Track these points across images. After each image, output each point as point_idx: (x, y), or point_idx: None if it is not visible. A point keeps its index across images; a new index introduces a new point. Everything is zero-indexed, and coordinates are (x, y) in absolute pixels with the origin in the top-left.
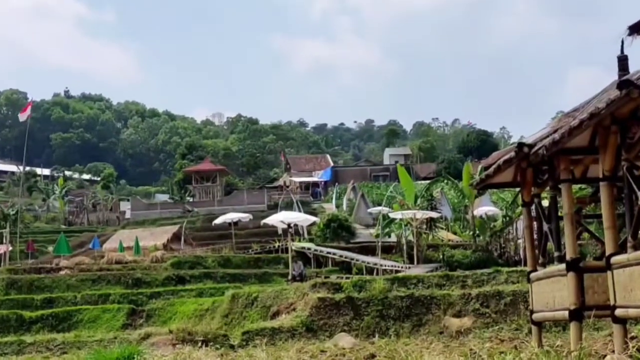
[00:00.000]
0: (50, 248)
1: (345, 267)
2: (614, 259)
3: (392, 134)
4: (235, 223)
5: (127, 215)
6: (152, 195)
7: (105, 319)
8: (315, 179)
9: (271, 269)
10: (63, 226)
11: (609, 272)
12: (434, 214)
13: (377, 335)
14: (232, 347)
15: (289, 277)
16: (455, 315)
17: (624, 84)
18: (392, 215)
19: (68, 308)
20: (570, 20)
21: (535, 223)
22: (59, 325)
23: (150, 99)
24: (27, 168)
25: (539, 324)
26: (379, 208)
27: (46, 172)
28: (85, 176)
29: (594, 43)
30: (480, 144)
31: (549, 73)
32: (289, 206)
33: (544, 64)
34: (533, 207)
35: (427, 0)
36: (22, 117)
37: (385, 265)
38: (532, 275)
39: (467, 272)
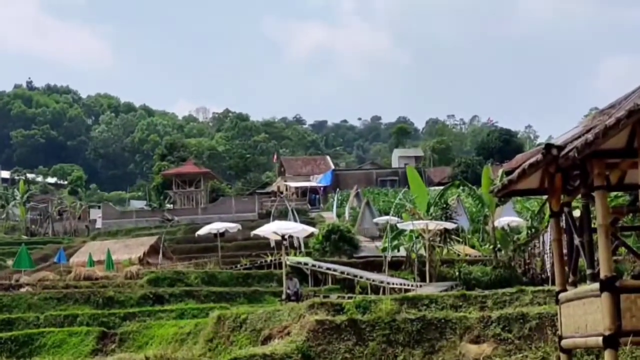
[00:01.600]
0: (10, 262)
1: (347, 285)
2: None
3: (402, 132)
4: (222, 234)
5: (98, 224)
6: (127, 201)
7: (72, 343)
8: (313, 183)
9: (262, 287)
10: (24, 237)
11: None
12: (449, 225)
13: None
14: None
15: (283, 297)
16: (473, 341)
17: None
18: (401, 226)
19: (29, 331)
20: (602, 4)
21: (564, 236)
22: (19, 350)
23: (125, 91)
24: None
25: (569, 352)
26: (386, 218)
27: (5, 174)
28: (50, 180)
29: (633, 29)
30: (502, 144)
31: (580, 64)
32: (283, 215)
33: (575, 54)
34: (562, 217)
35: None
36: None
37: (393, 284)
38: (561, 295)
39: (486, 292)
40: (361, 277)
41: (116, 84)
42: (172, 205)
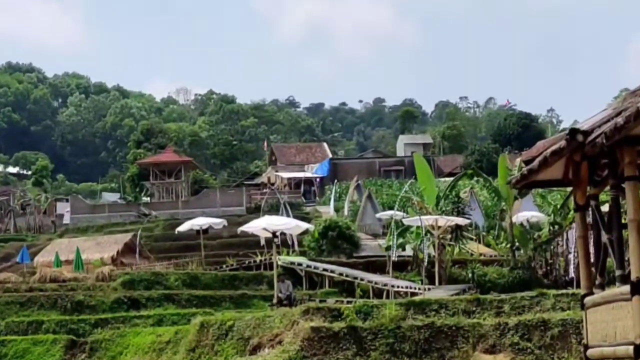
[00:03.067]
0: None
1: (346, 288)
2: None
3: (408, 117)
4: (205, 231)
5: (66, 219)
6: (98, 194)
7: (37, 353)
8: (308, 174)
9: (251, 290)
10: None
11: None
12: (461, 221)
13: None
14: None
15: (274, 301)
16: (488, 350)
17: None
18: (407, 221)
19: None
20: None
21: (591, 233)
22: None
23: (96, 70)
24: None
25: None
26: (391, 212)
27: None
28: (12, 169)
29: None
30: (521, 130)
31: (609, 41)
32: (274, 209)
33: (604, 30)
34: (589, 212)
35: None
36: None
37: (398, 286)
38: (587, 299)
39: (503, 296)
40: (362, 280)
41: (86, 62)
42: (149, 199)
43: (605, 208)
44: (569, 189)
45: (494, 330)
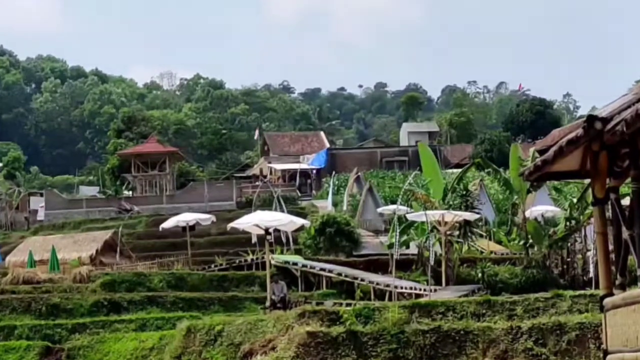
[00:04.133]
0: None
1: (345, 289)
2: None
3: (413, 103)
4: (192, 227)
5: (40, 216)
6: (76, 188)
7: None
8: (304, 165)
9: (242, 291)
10: None
11: None
12: (469, 216)
13: None
14: None
15: (267, 304)
16: (500, 357)
17: None
18: (411, 217)
19: None
20: None
21: (611, 228)
22: None
23: (73, 53)
24: None
25: None
26: (393, 207)
27: None
28: None
29: None
30: (535, 117)
31: (630, 22)
32: (267, 204)
33: (624, 10)
34: (608, 206)
35: None
36: None
37: (401, 287)
38: (607, 301)
39: (515, 297)
40: (363, 280)
41: (62, 45)
42: (131, 193)
43: (626, 202)
44: (587, 181)
45: (506, 335)
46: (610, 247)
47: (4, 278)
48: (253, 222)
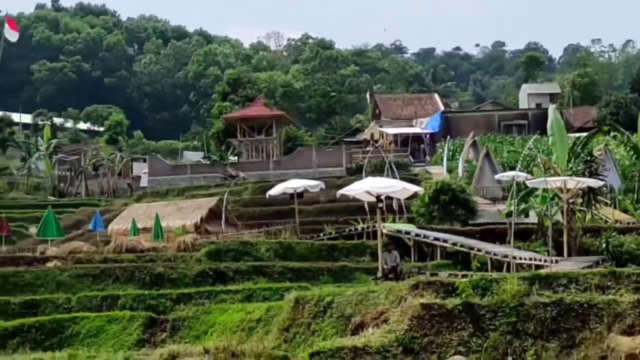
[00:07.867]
0: (33, 229)
1: (461, 260)
2: None
3: (533, 63)
4: (300, 194)
5: (143, 182)
6: (180, 153)
7: (112, 332)
8: (417, 130)
9: (352, 261)
10: (51, 197)
11: None
12: (594, 183)
13: None
14: None
15: (379, 274)
16: (626, 332)
17: None
18: (531, 184)
19: (59, 316)
20: None
21: None
22: (46, 340)
23: (176, 12)
24: None
25: None
26: (512, 173)
27: (26, 119)
28: (83, 125)
29: None
30: None
31: None
32: (378, 170)
33: None
34: None
35: None
36: (12, 36)
37: (520, 258)
38: None
39: None
40: (479, 250)
41: (165, 4)
42: (236, 158)
43: None
44: None
45: (633, 309)
46: None
47: (107, 246)
48: (364, 189)
